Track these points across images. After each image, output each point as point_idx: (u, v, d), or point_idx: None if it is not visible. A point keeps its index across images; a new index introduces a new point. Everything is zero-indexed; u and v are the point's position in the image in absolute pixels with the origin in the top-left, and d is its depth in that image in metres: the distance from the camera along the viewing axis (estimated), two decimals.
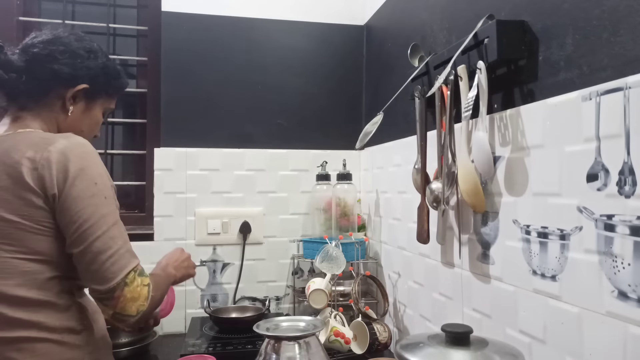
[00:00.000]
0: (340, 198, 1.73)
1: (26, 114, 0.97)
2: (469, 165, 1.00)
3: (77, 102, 1.01)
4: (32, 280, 0.86)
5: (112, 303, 0.88)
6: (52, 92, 0.98)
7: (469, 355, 0.78)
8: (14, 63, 0.95)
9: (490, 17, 0.99)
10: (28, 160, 0.87)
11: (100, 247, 0.87)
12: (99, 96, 1.05)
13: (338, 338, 1.38)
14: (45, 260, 0.88)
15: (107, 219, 0.89)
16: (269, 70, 1.87)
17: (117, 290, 0.88)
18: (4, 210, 0.86)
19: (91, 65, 1.01)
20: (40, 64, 0.96)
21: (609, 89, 0.72)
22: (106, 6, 1.86)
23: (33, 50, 0.97)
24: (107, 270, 0.87)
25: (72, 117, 1.00)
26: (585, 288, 0.77)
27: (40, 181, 0.86)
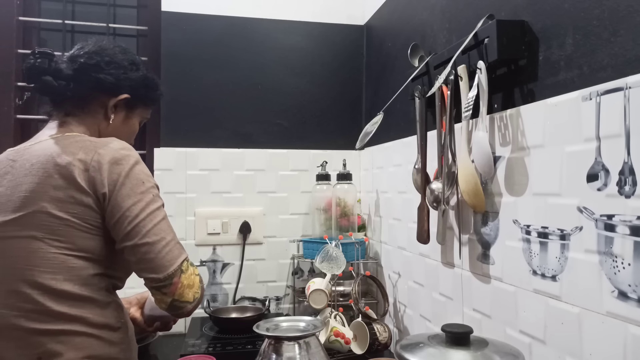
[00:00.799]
0: (340, 198, 1.73)
1: (71, 120, 1.02)
2: (469, 165, 1.00)
3: (118, 111, 1.07)
4: (77, 276, 0.90)
5: (170, 290, 0.93)
6: (96, 100, 1.04)
7: (469, 355, 0.78)
8: (63, 71, 1.00)
9: (490, 17, 0.99)
10: (80, 162, 0.91)
11: (155, 238, 0.93)
12: (138, 106, 1.11)
13: (338, 338, 1.38)
14: (90, 257, 0.92)
15: (156, 213, 0.95)
16: (269, 70, 1.87)
17: (174, 277, 0.93)
18: (55, 208, 0.89)
19: (133, 77, 1.07)
20: (87, 73, 1.02)
21: (609, 89, 0.72)
22: (106, 6, 1.86)
23: (80, 60, 1.02)
24: (163, 258, 0.92)
25: (112, 125, 1.06)
26: (585, 288, 0.77)
27: (91, 182, 0.91)
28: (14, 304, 0.88)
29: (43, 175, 0.91)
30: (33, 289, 0.88)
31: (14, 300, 0.88)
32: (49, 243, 0.89)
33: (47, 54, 0.99)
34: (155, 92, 1.15)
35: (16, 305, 0.88)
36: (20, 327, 0.87)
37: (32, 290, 0.88)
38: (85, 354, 0.89)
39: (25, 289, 0.88)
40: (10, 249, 0.90)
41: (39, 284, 0.88)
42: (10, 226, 0.90)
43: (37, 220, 0.89)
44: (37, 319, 0.87)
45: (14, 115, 1.77)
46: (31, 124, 1.83)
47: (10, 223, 0.91)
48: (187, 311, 0.97)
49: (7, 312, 0.88)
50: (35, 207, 0.90)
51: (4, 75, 1.76)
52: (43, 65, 0.98)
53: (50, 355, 0.87)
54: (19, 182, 0.92)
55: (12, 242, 0.90)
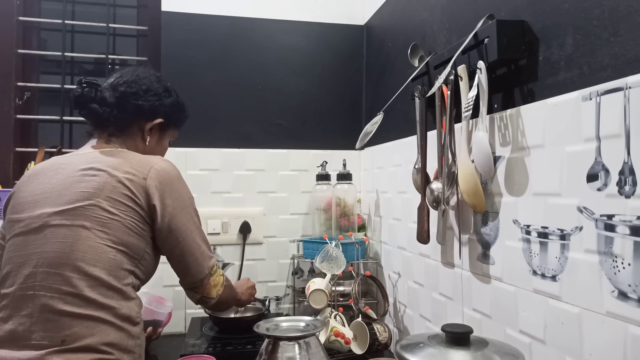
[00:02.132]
0: (340, 198, 1.73)
1: (114, 140, 1.13)
2: (469, 165, 1.00)
3: (153, 133, 1.19)
4: (113, 267, 0.97)
5: (201, 289, 1.10)
6: (135, 124, 1.15)
7: (469, 355, 0.78)
8: (107, 99, 1.11)
9: (490, 17, 0.99)
10: (138, 172, 1.03)
11: (194, 247, 1.08)
12: (169, 128, 1.23)
13: (338, 338, 1.38)
14: (128, 253, 1.00)
15: (196, 226, 1.10)
16: (268, 70, 1.87)
17: (206, 279, 1.10)
18: (109, 204, 0.98)
19: (166, 103, 1.19)
20: (128, 100, 1.13)
21: (609, 89, 0.72)
22: (106, 6, 1.86)
23: (121, 89, 1.13)
24: (199, 265, 1.09)
25: (148, 145, 1.18)
26: (585, 288, 0.77)
27: (145, 191, 1.02)
28: (52, 286, 0.93)
29: (103, 178, 1.00)
30: (73, 272, 0.93)
31: (53, 282, 0.93)
32: (96, 234, 0.97)
33: (93, 84, 1.10)
34: (184, 115, 1.27)
35: (53, 287, 0.93)
36: (53, 309, 0.91)
37: (72, 274, 0.93)
38: (106, 341, 0.93)
39: (67, 271, 0.93)
40: (60, 235, 0.96)
41: (79, 268, 0.94)
42: (62, 215, 0.97)
43: (90, 212, 0.97)
44: (71, 302, 0.92)
45: (14, 115, 1.77)
46: (31, 124, 1.84)
47: (62, 213, 0.97)
48: (211, 305, 1.15)
49: (42, 293, 0.92)
50: (92, 201, 0.98)
51: (4, 75, 1.76)
52: (90, 94, 1.09)
53: (75, 339, 0.90)
54: (76, 180, 1.00)
55: (61, 229, 0.96)
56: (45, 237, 0.96)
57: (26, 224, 0.99)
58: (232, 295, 1.22)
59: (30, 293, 0.93)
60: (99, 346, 0.92)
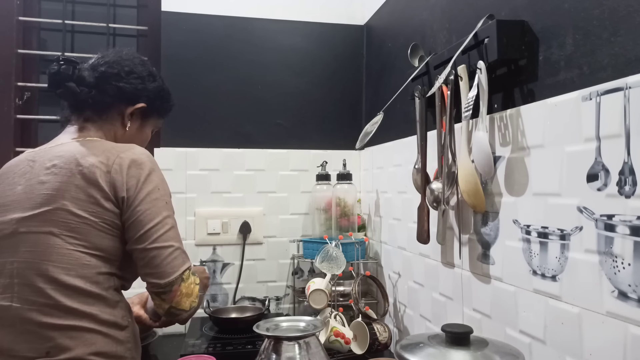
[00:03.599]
0: (340, 198, 1.73)
1: (90, 126, 1.06)
2: (469, 165, 1.00)
3: (134, 119, 1.11)
4: (89, 273, 0.93)
5: (169, 297, 0.96)
6: (114, 108, 1.08)
7: (469, 355, 0.78)
8: (85, 78, 1.04)
9: (490, 17, 0.99)
10: (102, 164, 0.95)
11: (163, 245, 0.96)
12: (152, 115, 1.16)
13: (338, 338, 1.38)
14: (104, 256, 0.95)
15: (167, 220, 0.99)
16: (268, 70, 1.87)
17: (175, 284, 0.96)
18: (75, 206, 0.93)
19: (150, 87, 1.12)
20: (108, 82, 1.06)
21: (609, 89, 0.72)
22: (106, 6, 1.86)
23: (101, 69, 1.06)
24: (167, 265, 0.96)
25: (128, 132, 1.11)
26: (585, 288, 0.77)
27: (112, 184, 0.95)
28: (28, 298, 0.90)
29: (65, 175, 0.94)
30: (46, 284, 0.90)
31: (28, 294, 0.90)
32: (66, 240, 0.92)
33: (71, 61, 1.02)
34: (169, 104, 1.20)
35: (29, 299, 0.90)
36: (32, 321, 0.89)
37: (46, 285, 0.90)
38: (93, 350, 0.90)
39: (40, 282, 0.90)
40: (28, 243, 0.92)
41: (52, 279, 0.90)
42: (30, 221, 0.93)
43: (56, 217, 0.92)
44: (49, 313, 0.89)
45: (14, 115, 1.77)
46: (31, 124, 1.83)
47: (29, 219, 0.93)
48: (182, 319, 1.01)
49: (20, 306, 0.90)
50: (56, 205, 0.92)
51: (4, 75, 1.76)
52: (67, 72, 1.02)
53: (60, 350, 0.89)
54: (40, 181, 0.95)
55: (30, 236, 0.92)
56: (17, 246, 0.92)
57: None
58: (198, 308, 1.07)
59: (8, 304, 0.90)
60: (85, 357, 0.89)
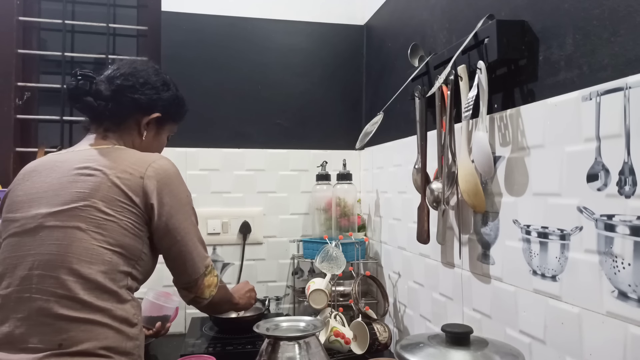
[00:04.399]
0: (340, 198, 1.73)
1: (111, 135, 1.10)
2: (469, 165, 1.00)
3: (150, 128, 1.15)
4: (109, 269, 0.95)
5: (195, 289, 1.08)
6: (131, 118, 1.12)
7: (469, 355, 0.78)
8: (102, 92, 1.07)
9: (490, 17, 0.99)
10: (135, 171, 1.00)
11: (191, 246, 1.05)
12: (168, 123, 1.20)
13: (338, 338, 1.38)
14: (124, 254, 0.98)
15: (193, 225, 1.07)
16: (268, 70, 1.87)
17: (200, 279, 1.07)
18: (105, 204, 0.96)
19: (164, 97, 1.15)
20: (124, 94, 1.09)
21: (609, 89, 0.72)
22: (106, 6, 1.86)
23: (117, 82, 1.09)
24: (194, 265, 1.06)
25: (145, 140, 1.15)
26: (585, 288, 0.77)
27: (143, 190, 0.99)
28: (48, 289, 0.91)
29: (99, 177, 0.98)
30: (69, 275, 0.92)
31: (49, 285, 0.92)
32: (92, 235, 0.95)
33: (88, 77, 1.05)
34: (183, 109, 1.24)
35: (49, 290, 0.91)
36: (49, 312, 0.90)
37: (68, 277, 0.92)
38: (104, 345, 0.92)
39: (62, 274, 0.92)
40: (55, 236, 0.94)
41: (75, 271, 0.92)
42: (58, 216, 0.95)
43: (85, 213, 0.95)
44: (67, 305, 0.91)
45: (14, 115, 1.77)
46: (31, 124, 1.83)
47: (59, 213, 0.95)
48: (203, 305, 1.12)
49: (38, 297, 0.91)
50: (87, 202, 0.96)
51: (4, 75, 1.76)
52: (85, 87, 1.05)
53: (72, 343, 0.90)
54: (71, 180, 0.98)
55: (58, 230, 0.95)
56: (41, 239, 0.95)
57: (21, 224, 0.97)
58: (226, 298, 1.19)
59: (27, 296, 0.91)
60: (96, 350, 0.90)
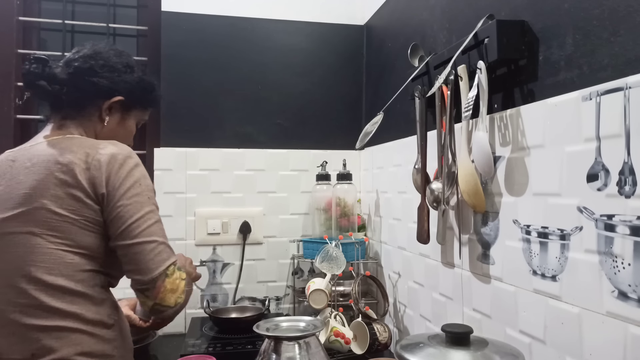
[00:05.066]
0: (340, 198, 1.73)
1: (69, 123, 1.04)
2: (469, 165, 1.00)
3: (113, 113, 1.08)
4: (73, 272, 0.92)
5: (153, 293, 0.93)
6: (91, 103, 1.05)
7: (469, 355, 0.78)
8: (57, 76, 1.02)
9: (490, 17, 0.99)
10: (81, 161, 0.93)
11: (145, 240, 0.94)
12: (134, 108, 1.12)
13: (338, 338, 1.38)
14: (87, 254, 0.94)
15: (150, 215, 0.96)
16: (269, 70, 1.87)
17: (158, 280, 0.94)
18: (55, 204, 0.91)
19: (128, 79, 1.08)
20: (82, 77, 1.03)
21: (609, 89, 0.72)
22: (106, 6, 1.86)
23: (75, 64, 1.03)
24: (150, 261, 0.93)
25: (108, 127, 1.07)
26: (585, 288, 0.77)
27: (91, 181, 0.93)
28: (11, 299, 0.89)
29: (44, 173, 0.93)
30: (29, 284, 0.89)
31: (12, 296, 0.89)
32: (47, 239, 0.91)
33: (41, 60, 1.01)
34: (151, 94, 1.15)
35: (13, 301, 0.89)
36: (17, 323, 0.88)
37: (29, 286, 0.89)
38: (79, 350, 0.90)
39: (23, 284, 0.89)
40: (9, 244, 0.91)
41: (35, 279, 0.89)
42: (10, 222, 0.92)
43: (37, 217, 0.91)
44: (33, 314, 0.89)
45: (14, 115, 1.77)
46: (31, 124, 1.83)
47: (10, 219, 0.92)
48: (167, 316, 0.97)
49: (4, 307, 0.89)
50: (35, 204, 0.91)
51: (4, 75, 1.76)
52: (37, 71, 1.00)
53: (45, 352, 0.88)
54: (20, 181, 0.94)
55: (11, 237, 0.92)
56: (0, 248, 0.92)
57: None
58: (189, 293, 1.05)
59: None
60: (72, 357, 0.89)
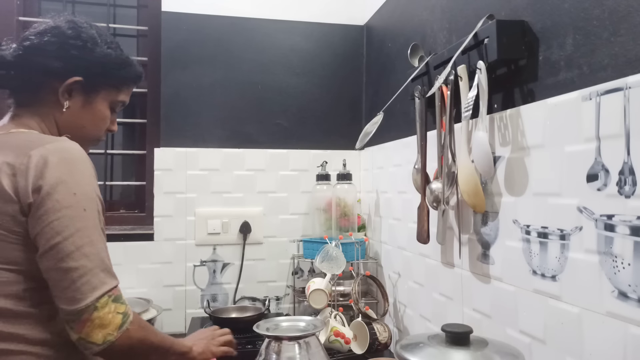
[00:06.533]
0: (340, 198, 1.73)
1: (24, 112, 0.92)
2: (469, 165, 1.00)
3: (73, 96, 0.94)
4: (11, 291, 0.81)
5: (77, 327, 0.79)
6: (44, 86, 0.92)
7: (469, 355, 0.78)
8: (5, 58, 0.90)
9: (490, 17, 0.99)
10: (7, 166, 0.81)
11: (72, 265, 0.79)
12: (100, 89, 0.97)
13: (338, 338, 1.38)
14: (21, 270, 0.82)
15: (82, 233, 0.80)
16: (269, 70, 1.87)
17: (84, 313, 0.79)
18: None
19: (86, 56, 0.94)
20: (28, 58, 0.90)
21: (609, 89, 0.72)
22: (106, 6, 1.86)
23: (24, 44, 0.91)
24: (76, 290, 0.78)
25: (69, 112, 0.94)
26: (585, 288, 0.77)
27: (15, 189, 0.80)
28: None
29: None
30: None
31: None
32: None
33: None
34: (122, 71, 1.00)
35: None
36: None
37: None
38: None
39: None
40: None
41: None
42: None
43: None
44: None
45: None
46: None
47: None
48: (93, 352, 0.81)
49: None
50: None
51: None
52: None
53: None
54: None
55: None
56: None
57: None
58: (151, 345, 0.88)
59: None
60: None
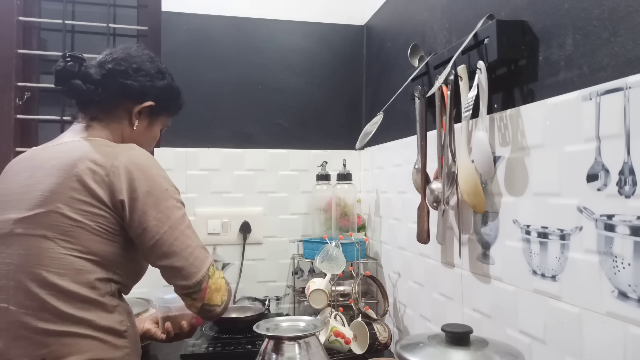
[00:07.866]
0: (340, 198, 1.73)
1: (96, 124, 1.04)
2: (469, 165, 1.00)
3: (142, 117, 1.09)
4: (85, 278, 0.90)
5: (200, 295, 0.96)
6: (122, 106, 1.06)
7: (469, 355, 0.78)
8: (92, 76, 1.02)
9: (490, 17, 0.99)
10: (99, 167, 0.92)
11: (182, 246, 0.95)
12: (161, 114, 1.13)
13: (338, 338, 1.38)
14: (99, 261, 0.92)
15: (181, 220, 0.97)
16: (269, 70, 1.87)
17: (203, 282, 0.96)
18: (70, 209, 0.90)
19: (159, 85, 1.09)
20: (115, 79, 1.03)
21: (609, 89, 0.72)
22: (106, 6, 1.86)
23: (109, 66, 1.04)
24: (191, 265, 0.95)
25: (136, 131, 1.08)
26: (585, 288, 0.77)
27: (109, 188, 0.92)
28: (23, 302, 0.88)
29: (62, 177, 0.92)
30: (41, 288, 0.88)
31: (22, 298, 0.88)
32: (59, 243, 0.90)
33: (77, 58, 1.00)
34: (178, 101, 1.17)
35: (24, 303, 0.88)
36: (27, 326, 0.87)
37: (40, 289, 0.88)
38: (88, 357, 0.89)
39: (33, 287, 0.88)
40: (22, 246, 0.90)
41: (47, 283, 0.88)
42: (24, 223, 0.91)
43: (50, 220, 0.90)
44: (45, 318, 0.88)
45: (14, 115, 1.77)
46: (31, 124, 1.83)
47: (24, 220, 0.91)
48: (216, 314, 1.00)
49: (16, 309, 0.88)
50: (50, 207, 0.90)
51: (4, 75, 1.76)
52: (73, 69, 1.00)
53: (54, 357, 0.87)
54: (38, 181, 0.93)
55: (24, 239, 0.90)
56: (12, 248, 0.91)
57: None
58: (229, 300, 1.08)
59: (4, 306, 0.89)
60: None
